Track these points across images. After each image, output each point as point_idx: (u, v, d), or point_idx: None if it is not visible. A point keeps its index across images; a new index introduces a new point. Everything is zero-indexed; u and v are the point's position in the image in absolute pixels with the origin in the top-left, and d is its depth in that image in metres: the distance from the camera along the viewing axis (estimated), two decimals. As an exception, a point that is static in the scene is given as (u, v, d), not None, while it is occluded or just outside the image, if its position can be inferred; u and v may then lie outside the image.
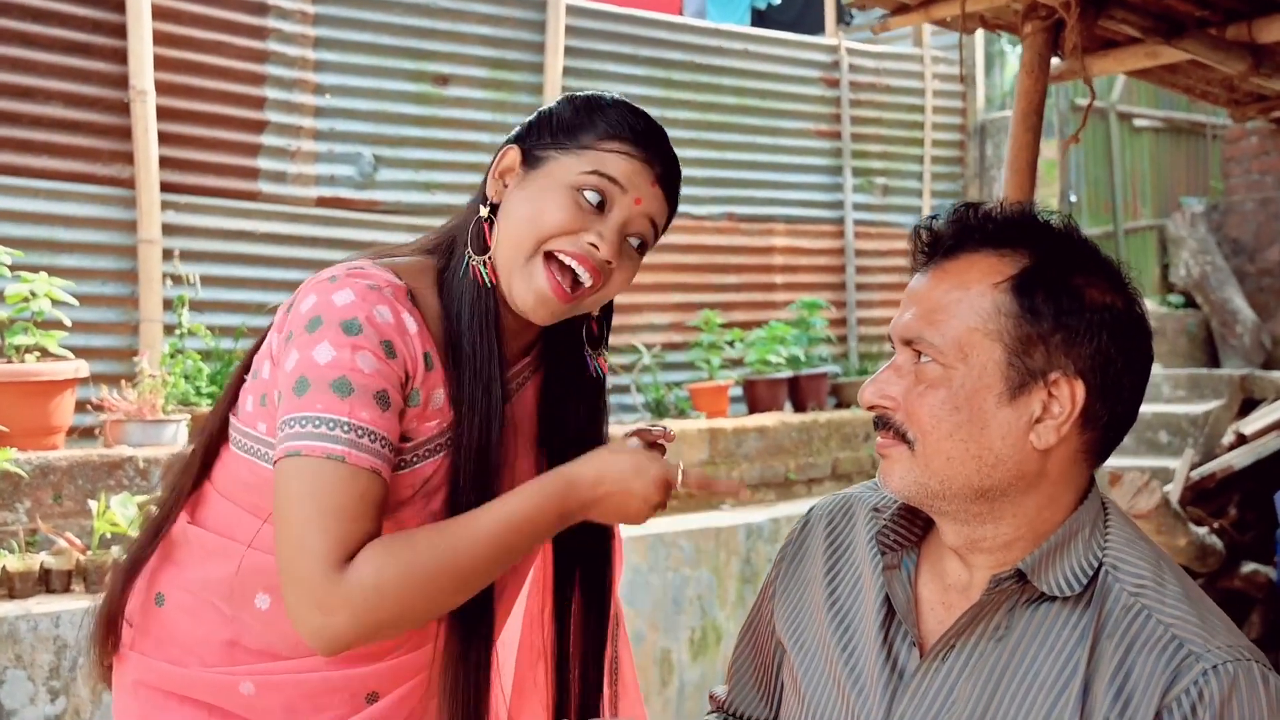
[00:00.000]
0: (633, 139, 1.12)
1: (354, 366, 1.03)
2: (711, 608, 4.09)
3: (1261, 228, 6.56)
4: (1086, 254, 0.96)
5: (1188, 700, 0.86)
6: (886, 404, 0.95)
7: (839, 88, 5.55)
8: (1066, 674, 0.89)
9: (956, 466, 0.92)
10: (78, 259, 3.61)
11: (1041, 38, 2.55)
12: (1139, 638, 0.89)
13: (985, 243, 0.95)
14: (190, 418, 3.29)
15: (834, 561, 1.09)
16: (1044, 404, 0.92)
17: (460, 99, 4.49)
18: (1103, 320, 0.92)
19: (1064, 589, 0.92)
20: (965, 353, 0.92)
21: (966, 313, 0.92)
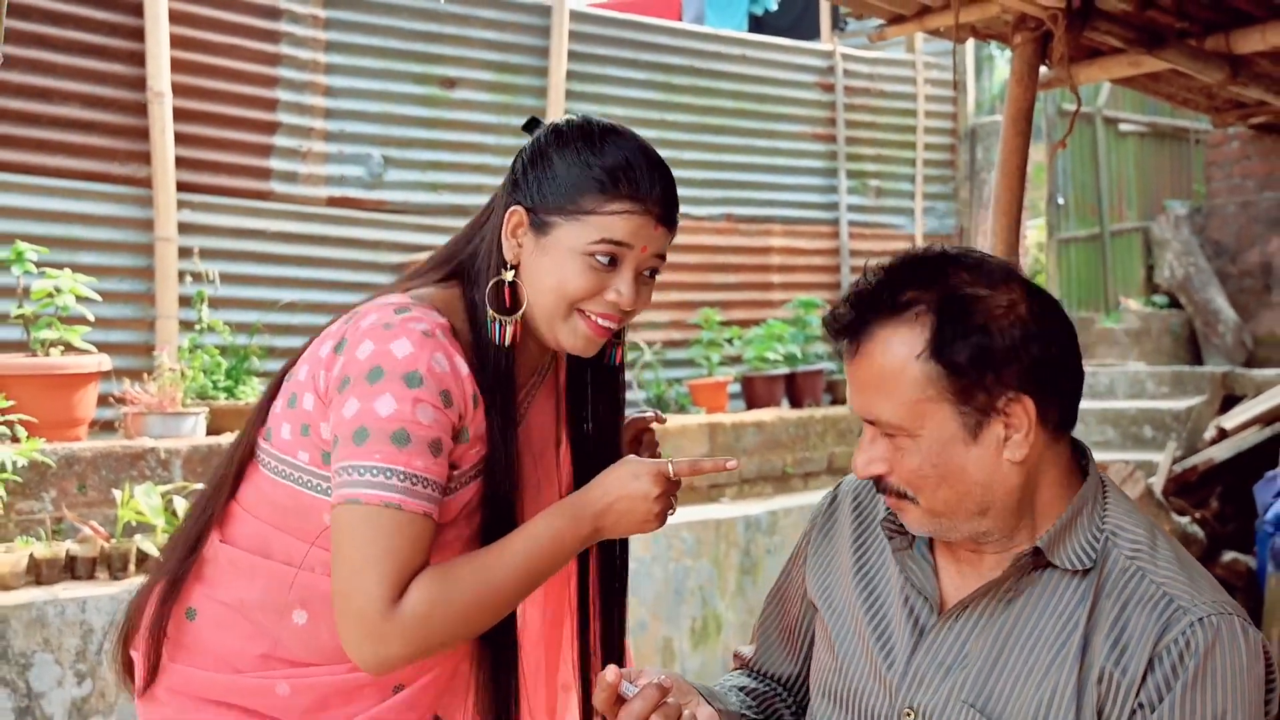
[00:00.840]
0: (630, 196, 1.16)
1: (414, 419, 1.10)
2: (712, 598, 4.20)
3: (1243, 230, 6.71)
4: (973, 277, 1.01)
5: (1176, 649, 0.96)
6: (879, 472, 1.04)
7: (834, 92, 5.68)
8: (1068, 630, 0.99)
9: (955, 505, 1.02)
10: (96, 256, 3.70)
11: (1030, 48, 2.67)
12: (1134, 596, 0.99)
13: (887, 314, 1.01)
14: (208, 410, 3.39)
15: (861, 531, 1.19)
16: (1005, 426, 1.00)
17: (466, 101, 4.60)
18: (1016, 336, 0.99)
19: (1076, 564, 1.01)
20: (920, 420, 1.00)
21: (906, 388, 1.00)
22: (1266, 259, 6.62)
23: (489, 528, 1.19)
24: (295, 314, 4.07)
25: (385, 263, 4.40)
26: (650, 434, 1.38)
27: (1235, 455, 4.28)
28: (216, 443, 3.32)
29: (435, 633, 1.10)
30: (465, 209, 4.59)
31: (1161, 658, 0.96)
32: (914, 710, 1.05)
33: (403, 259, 4.44)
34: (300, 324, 4.07)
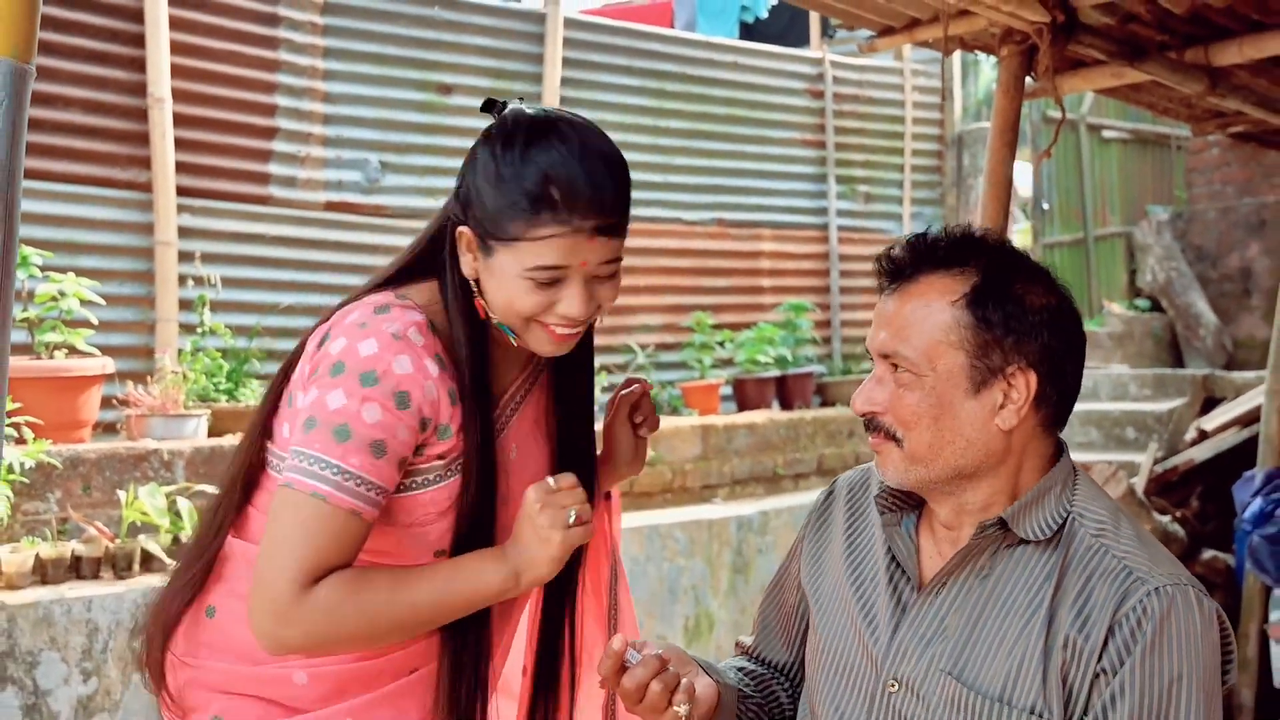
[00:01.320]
0: (555, 220, 1.12)
1: (358, 416, 1.12)
2: (705, 597, 4.27)
3: (1223, 235, 6.83)
4: (1022, 264, 1.13)
5: (1134, 616, 1.03)
6: (875, 409, 1.12)
7: (823, 99, 5.76)
8: (1036, 601, 1.07)
9: (937, 452, 1.10)
10: (97, 260, 3.74)
11: (1016, 60, 2.75)
12: (1098, 569, 1.07)
13: (938, 265, 1.12)
14: (210, 412, 3.44)
15: (852, 523, 1.27)
16: (1004, 393, 1.09)
17: (462, 107, 4.65)
18: (1043, 319, 1.09)
19: (1038, 534, 1.10)
20: (934, 361, 1.09)
21: (931, 328, 1.09)
22: (1246, 264, 6.75)
23: (461, 527, 1.20)
24: (294, 317, 4.12)
25: (382, 266, 4.44)
26: (646, 401, 1.39)
27: (1215, 456, 4.38)
28: (219, 444, 3.37)
29: (336, 630, 1.12)
30: (461, 213, 4.65)
31: (1121, 624, 1.03)
32: (898, 681, 1.12)
33: (399, 263, 4.49)
34: (299, 327, 4.12)
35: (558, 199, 1.12)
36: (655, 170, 5.20)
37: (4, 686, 2.71)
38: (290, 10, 4.21)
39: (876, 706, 1.14)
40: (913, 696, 1.11)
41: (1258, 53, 2.88)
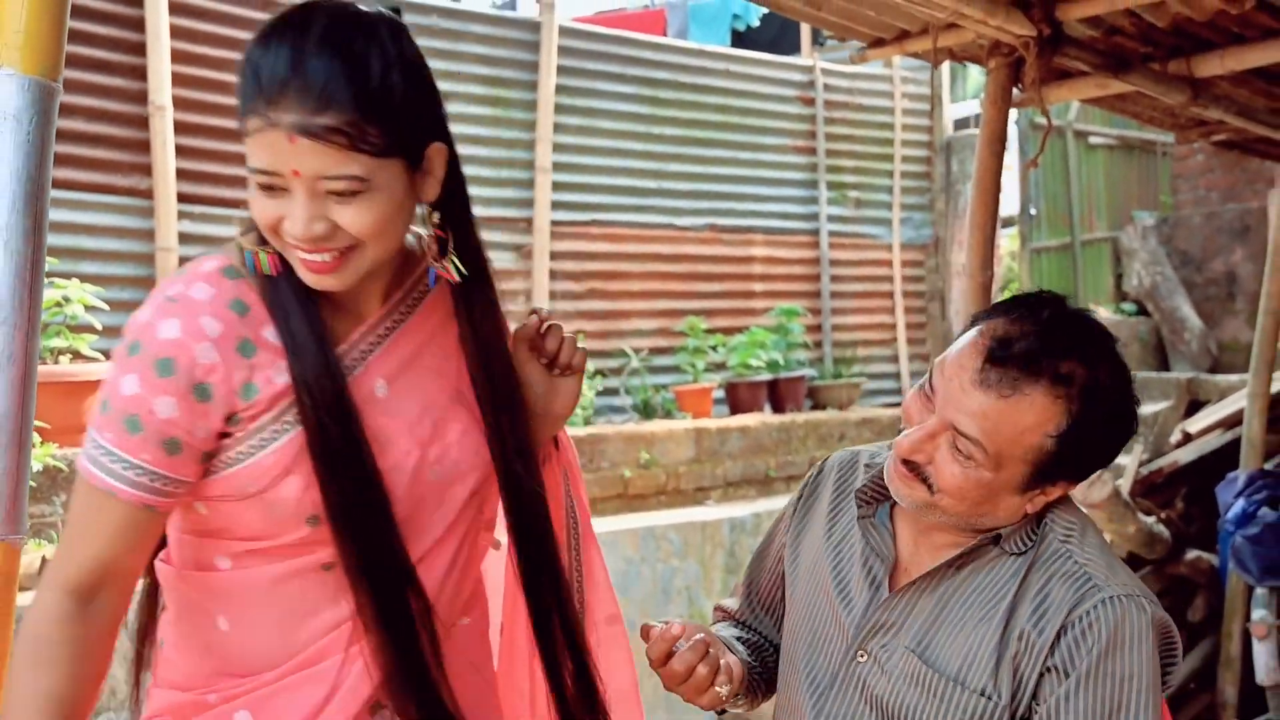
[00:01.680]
0: (255, 109, 0.97)
1: (115, 388, 1.04)
2: (698, 597, 4.33)
3: (1207, 240, 6.94)
4: (1115, 383, 1.13)
5: (1086, 619, 1.10)
6: (920, 460, 1.14)
7: (814, 106, 5.85)
8: (1001, 593, 1.15)
9: (962, 516, 1.16)
10: (98, 266, 3.78)
11: (1004, 72, 2.82)
12: (1059, 571, 1.14)
13: (1046, 378, 1.09)
14: (212, 416, 3.48)
15: (837, 503, 1.33)
16: (1042, 495, 1.16)
17: (460, 115, 4.70)
18: (1108, 449, 1.16)
19: (1018, 548, 1.18)
20: (1002, 464, 1.11)
21: (1015, 443, 1.10)
22: (1230, 268, 6.86)
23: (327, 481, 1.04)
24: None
25: (380, 272, 4.51)
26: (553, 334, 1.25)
27: (1199, 458, 4.46)
28: (220, 448, 3.42)
29: (33, 644, 1.04)
30: (457, 219, 4.71)
31: (1072, 625, 1.10)
32: (867, 653, 1.21)
33: (397, 268, 4.55)
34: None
35: (256, 87, 0.98)
36: (649, 176, 5.28)
37: (11, 687, 2.76)
38: (289, 19, 4.26)
39: (844, 675, 1.22)
40: (878, 668, 1.19)
41: (1238, 64, 2.96)
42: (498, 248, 4.81)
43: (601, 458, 4.39)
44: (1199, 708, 3.92)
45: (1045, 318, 1.12)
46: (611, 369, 4.96)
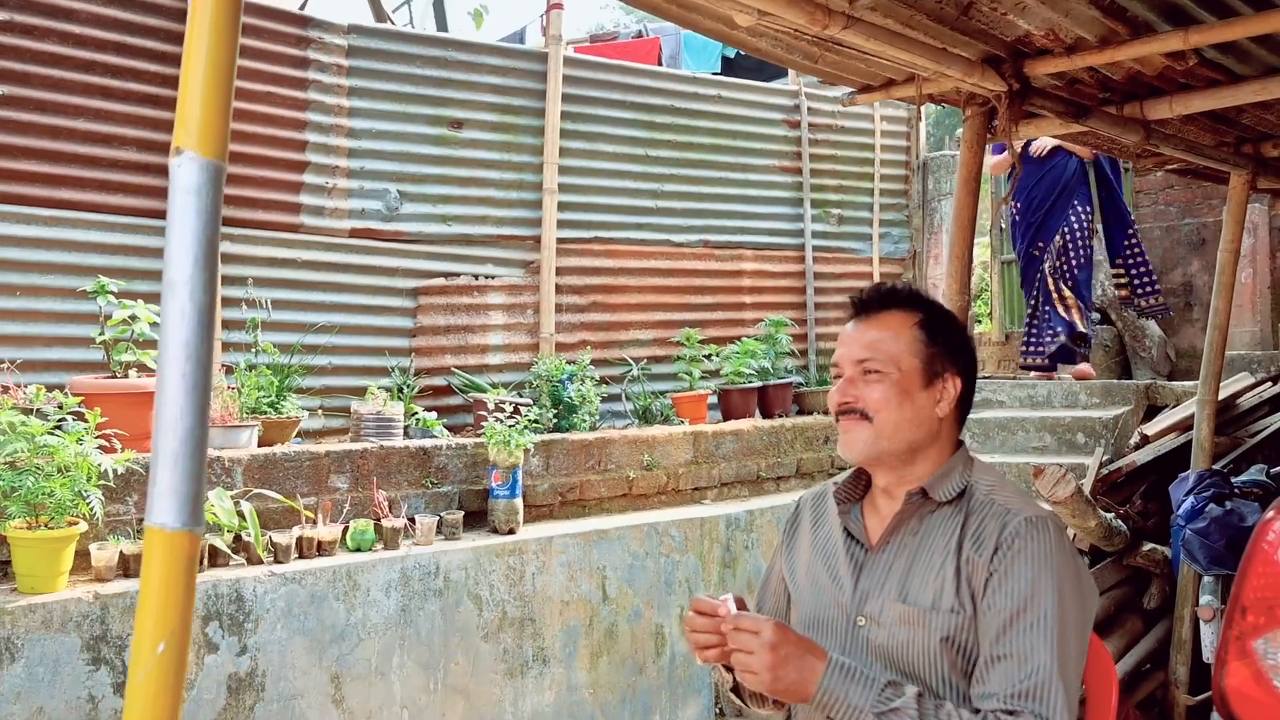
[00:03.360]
0: None
1: None
2: (697, 588, 4.68)
3: (1167, 253, 7.37)
4: (946, 313, 1.67)
5: (1009, 534, 1.49)
6: (849, 399, 1.59)
7: (799, 129, 6.21)
8: (950, 540, 1.54)
9: (899, 429, 1.56)
10: (149, 285, 4.07)
11: (979, 120, 3.19)
12: (989, 513, 1.54)
13: (898, 305, 1.63)
14: (261, 424, 3.80)
15: (816, 521, 1.74)
16: (941, 390, 1.60)
17: (473, 140, 5.03)
18: (964, 345, 1.65)
19: (947, 496, 1.57)
20: (898, 364, 1.58)
21: (897, 343, 1.60)
22: (1188, 279, 7.30)
23: None
24: (322, 335, 4.49)
25: (401, 288, 4.82)
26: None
27: (1155, 458, 4.85)
28: (270, 453, 3.74)
29: None
30: (472, 238, 5.03)
31: (1002, 543, 1.49)
32: (865, 616, 1.58)
33: (417, 284, 4.87)
34: (325, 344, 4.48)
35: None
36: (647, 196, 5.62)
37: (98, 667, 3.06)
38: (319, 54, 4.57)
39: (849, 640, 1.58)
40: (875, 625, 1.54)
41: (1185, 109, 3.35)
42: (508, 264, 5.15)
43: (609, 460, 4.73)
44: (1154, 685, 4.29)
45: (879, 284, 1.70)
46: (613, 377, 5.30)
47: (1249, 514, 4.02)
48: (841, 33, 2.53)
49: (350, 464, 3.95)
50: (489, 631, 3.99)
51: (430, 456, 4.19)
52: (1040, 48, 2.94)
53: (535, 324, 5.17)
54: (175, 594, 1.73)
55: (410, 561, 3.78)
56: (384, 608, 3.69)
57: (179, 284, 1.77)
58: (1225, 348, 4.58)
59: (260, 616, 3.40)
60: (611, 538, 4.39)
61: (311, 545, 3.63)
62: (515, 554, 4.08)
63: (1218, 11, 2.75)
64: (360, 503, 3.95)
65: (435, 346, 4.88)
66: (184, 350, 1.74)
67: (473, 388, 4.83)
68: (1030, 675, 1.41)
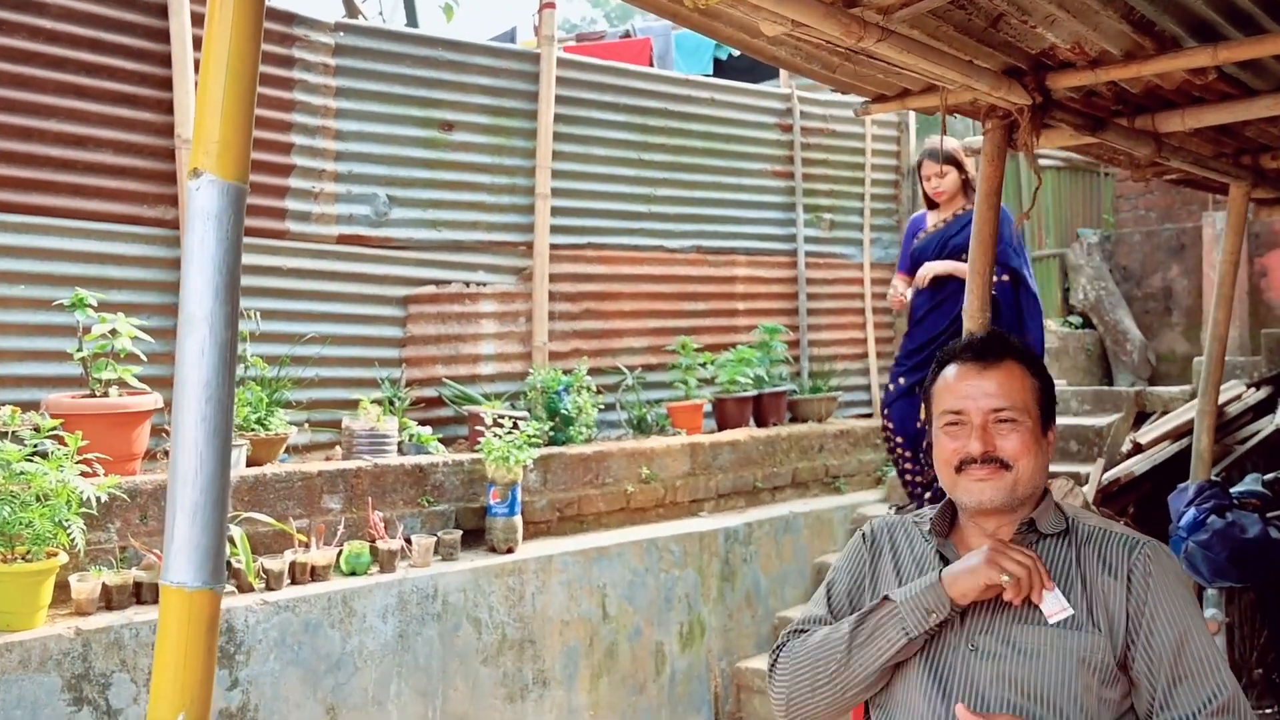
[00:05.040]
0: None
1: None
2: (697, 604, 4.60)
3: (1147, 257, 7.42)
4: (1041, 362, 1.75)
5: (1141, 558, 1.57)
6: (990, 448, 1.62)
7: (792, 132, 6.13)
8: (1066, 566, 1.59)
9: (1034, 475, 1.63)
10: (127, 295, 3.88)
11: (1000, 134, 3.12)
12: (1106, 542, 1.61)
13: (1012, 356, 1.70)
14: (249, 442, 3.63)
15: (898, 552, 1.76)
16: (1052, 436, 1.69)
17: (464, 143, 4.88)
18: (1055, 395, 1.73)
19: (1053, 528, 1.63)
20: (1029, 413, 1.65)
21: (1024, 391, 1.67)
22: (1167, 284, 7.35)
23: None
24: (309, 346, 4.32)
25: (391, 296, 4.66)
26: None
27: (1151, 468, 4.86)
28: (260, 473, 3.58)
29: None
30: (463, 244, 4.89)
31: (1135, 565, 1.57)
32: (976, 645, 1.58)
33: (407, 292, 4.71)
34: (313, 355, 4.31)
35: None
36: (640, 201, 5.51)
37: (81, 707, 2.89)
38: (305, 53, 4.39)
39: (964, 671, 1.57)
40: (994, 653, 1.55)
41: (1197, 122, 3.32)
42: (500, 271, 5.00)
43: (607, 473, 4.62)
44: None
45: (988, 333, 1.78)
46: (607, 386, 5.18)
47: (1250, 525, 4.02)
48: (875, 45, 2.44)
49: (344, 483, 3.80)
50: (488, 655, 3.86)
51: (426, 474, 4.05)
52: (1063, 61, 2.88)
53: (528, 332, 5.03)
54: (196, 658, 1.58)
55: (407, 585, 3.64)
56: (381, 634, 3.55)
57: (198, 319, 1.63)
58: (1225, 356, 4.58)
59: (252, 647, 3.24)
60: (611, 554, 4.28)
61: (305, 570, 3.48)
62: (515, 574, 3.95)
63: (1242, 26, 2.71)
64: (354, 524, 3.80)
65: (426, 356, 4.73)
66: (204, 391, 1.60)
67: (465, 399, 4.69)
68: (1218, 692, 1.50)
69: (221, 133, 1.67)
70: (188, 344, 1.64)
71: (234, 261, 1.67)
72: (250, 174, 3.84)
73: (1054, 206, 7.97)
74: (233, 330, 1.68)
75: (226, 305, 1.66)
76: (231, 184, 1.66)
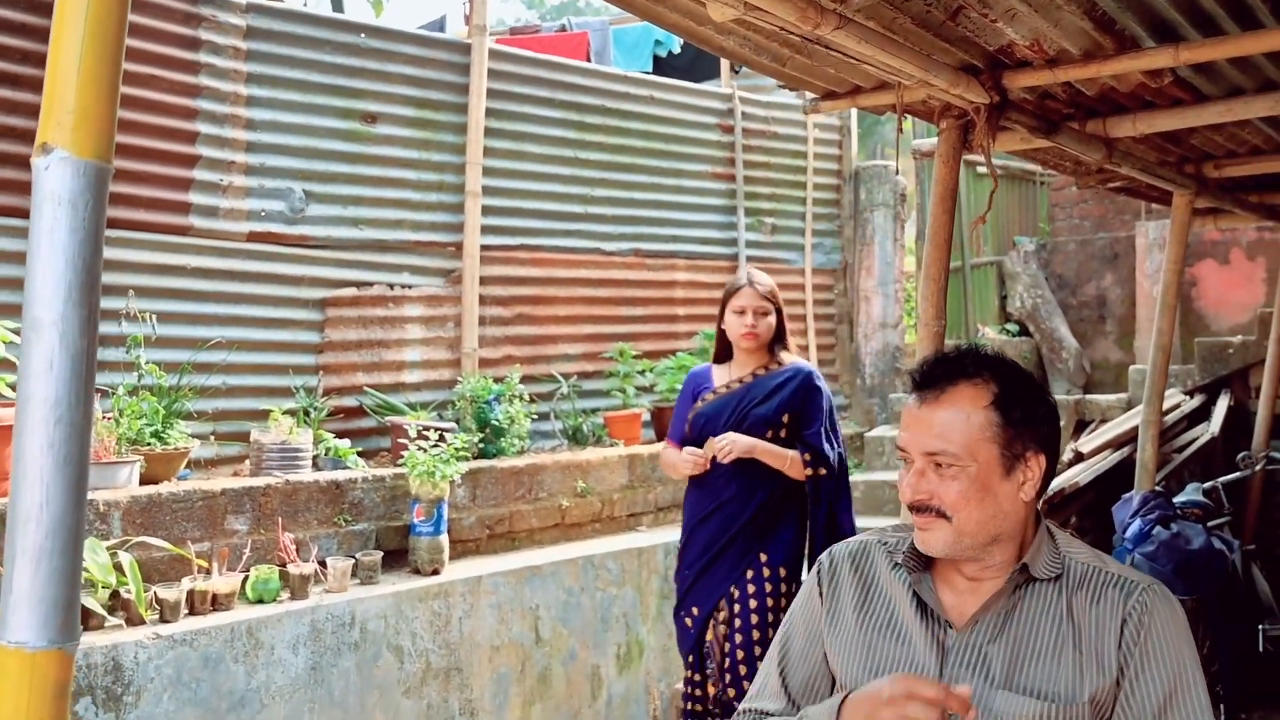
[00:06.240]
0: None
1: None
2: (635, 624, 4.38)
3: (1081, 266, 7.46)
4: (1021, 374, 1.43)
5: (1137, 605, 1.36)
6: (923, 497, 1.37)
7: (733, 134, 5.97)
8: (1057, 618, 1.37)
9: (983, 526, 1.37)
10: (4, 295, 3.52)
11: (955, 133, 2.98)
12: (1100, 584, 1.38)
13: (964, 377, 1.39)
14: (143, 458, 3.30)
15: (864, 588, 1.50)
16: (1024, 474, 1.37)
17: (388, 137, 4.59)
18: (1045, 413, 1.41)
19: (1048, 572, 1.39)
20: (974, 454, 1.36)
21: (969, 428, 1.37)
22: (1101, 292, 7.40)
23: None
24: (215, 351, 3.98)
25: (307, 298, 4.35)
26: None
27: (1095, 478, 4.81)
28: (155, 493, 3.25)
29: None
30: (388, 244, 4.59)
31: (1130, 615, 1.35)
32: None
33: (325, 294, 4.40)
34: (219, 362, 3.98)
35: None
36: (576, 201, 5.28)
37: (-60, 764, 2.55)
38: (212, 35, 4.06)
39: None
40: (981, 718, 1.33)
41: (1148, 128, 3.24)
42: (427, 273, 4.72)
43: (540, 488, 4.37)
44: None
45: (942, 354, 1.44)
46: (541, 395, 4.94)
47: (1194, 536, 3.98)
48: (832, 33, 2.26)
49: (251, 502, 3.48)
50: (411, 686, 3.58)
51: (344, 491, 3.75)
52: (1020, 59, 2.76)
53: (457, 338, 4.76)
54: (41, 732, 1.31)
55: (321, 612, 3.35)
56: (291, 667, 3.25)
57: (46, 325, 1.33)
58: (1169, 365, 4.54)
59: (143, 687, 2.92)
60: (545, 574, 4.03)
61: (205, 599, 3.16)
62: (440, 597, 3.68)
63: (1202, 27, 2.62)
64: (263, 546, 3.49)
65: (346, 364, 4.42)
66: (52, 412, 1.31)
67: (388, 409, 4.40)
68: None
69: (78, 100, 1.38)
70: (33, 354, 1.35)
71: (91, 256, 1.39)
72: (148, 161, 3.45)
73: (992, 214, 7.96)
74: (90, 338, 1.39)
75: (82, 308, 1.38)
76: (90, 163, 1.37)
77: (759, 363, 3.14)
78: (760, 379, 3.11)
